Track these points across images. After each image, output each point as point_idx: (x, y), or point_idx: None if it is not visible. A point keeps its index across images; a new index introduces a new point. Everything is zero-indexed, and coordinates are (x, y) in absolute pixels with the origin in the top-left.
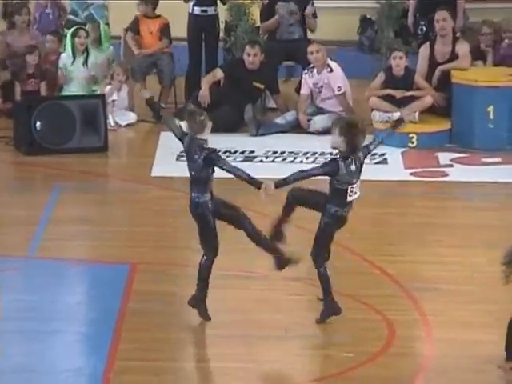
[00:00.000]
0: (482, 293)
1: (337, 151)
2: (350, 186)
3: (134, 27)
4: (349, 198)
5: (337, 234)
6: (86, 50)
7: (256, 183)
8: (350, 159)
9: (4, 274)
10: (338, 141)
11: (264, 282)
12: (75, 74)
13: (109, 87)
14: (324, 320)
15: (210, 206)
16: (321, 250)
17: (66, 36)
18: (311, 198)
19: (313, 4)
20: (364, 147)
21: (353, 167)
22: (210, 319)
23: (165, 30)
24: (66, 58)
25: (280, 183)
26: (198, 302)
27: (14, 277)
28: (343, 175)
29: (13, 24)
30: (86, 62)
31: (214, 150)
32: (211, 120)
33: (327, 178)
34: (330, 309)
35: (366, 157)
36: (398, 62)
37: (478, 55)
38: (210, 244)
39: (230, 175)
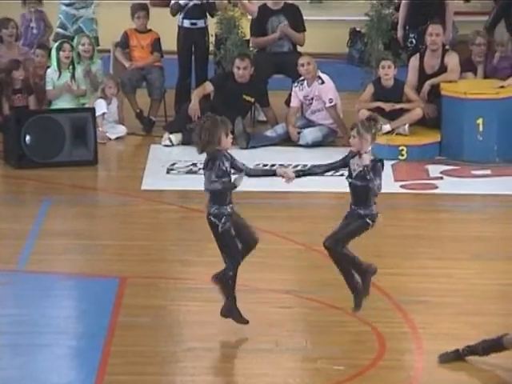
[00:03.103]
0: (470, 305)
1: None
2: None
3: (124, 42)
4: None
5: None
6: (72, 63)
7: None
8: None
9: None
10: None
11: (254, 295)
12: (63, 86)
13: (99, 100)
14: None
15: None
16: None
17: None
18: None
19: (303, 30)
20: (235, 160)
21: (222, 166)
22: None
23: (156, 44)
24: (52, 72)
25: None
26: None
27: (2, 290)
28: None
29: (0, 39)
30: (73, 76)
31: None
32: None
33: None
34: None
35: (231, 165)
36: (387, 71)
37: (468, 67)
38: None
39: None
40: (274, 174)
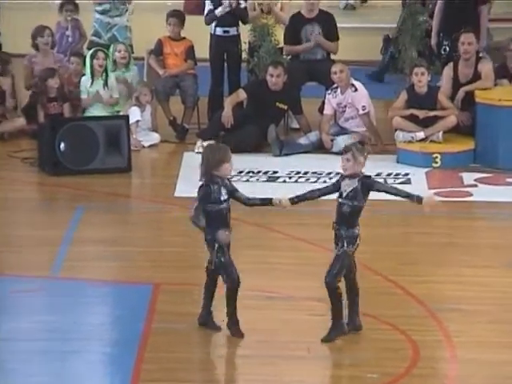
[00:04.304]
0: (505, 313)
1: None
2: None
3: (158, 50)
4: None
5: (360, 254)
6: (105, 71)
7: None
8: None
9: (26, 295)
10: None
11: (287, 303)
12: (96, 95)
13: (133, 108)
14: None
15: None
16: None
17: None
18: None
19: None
20: (237, 192)
21: (214, 194)
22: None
23: (190, 52)
24: (85, 80)
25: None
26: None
27: (36, 297)
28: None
29: (37, 46)
30: (106, 84)
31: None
32: (234, 141)
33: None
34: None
35: (227, 191)
36: (420, 78)
37: (503, 73)
38: None
39: None
40: (270, 202)
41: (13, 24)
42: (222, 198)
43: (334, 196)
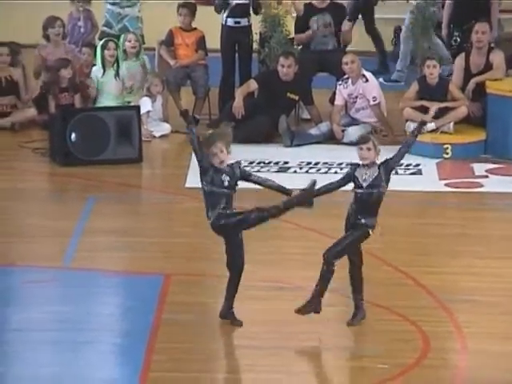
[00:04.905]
0: None
1: None
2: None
3: (169, 40)
4: None
5: (371, 245)
6: (117, 61)
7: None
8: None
9: (38, 285)
10: None
11: (298, 293)
12: (107, 85)
13: (144, 98)
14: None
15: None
16: None
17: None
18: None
19: (349, 20)
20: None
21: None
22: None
23: (201, 43)
24: (96, 70)
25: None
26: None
27: (47, 288)
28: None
29: (48, 37)
30: (117, 74)
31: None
32: (245, 131)
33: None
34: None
35: (244, 177)
36: (432, 71)
37: None
38: None
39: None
40: (288, 194)
41: (24, 14)
42: (225, 184)
43: (346, 187)
